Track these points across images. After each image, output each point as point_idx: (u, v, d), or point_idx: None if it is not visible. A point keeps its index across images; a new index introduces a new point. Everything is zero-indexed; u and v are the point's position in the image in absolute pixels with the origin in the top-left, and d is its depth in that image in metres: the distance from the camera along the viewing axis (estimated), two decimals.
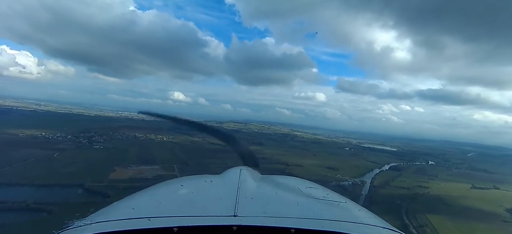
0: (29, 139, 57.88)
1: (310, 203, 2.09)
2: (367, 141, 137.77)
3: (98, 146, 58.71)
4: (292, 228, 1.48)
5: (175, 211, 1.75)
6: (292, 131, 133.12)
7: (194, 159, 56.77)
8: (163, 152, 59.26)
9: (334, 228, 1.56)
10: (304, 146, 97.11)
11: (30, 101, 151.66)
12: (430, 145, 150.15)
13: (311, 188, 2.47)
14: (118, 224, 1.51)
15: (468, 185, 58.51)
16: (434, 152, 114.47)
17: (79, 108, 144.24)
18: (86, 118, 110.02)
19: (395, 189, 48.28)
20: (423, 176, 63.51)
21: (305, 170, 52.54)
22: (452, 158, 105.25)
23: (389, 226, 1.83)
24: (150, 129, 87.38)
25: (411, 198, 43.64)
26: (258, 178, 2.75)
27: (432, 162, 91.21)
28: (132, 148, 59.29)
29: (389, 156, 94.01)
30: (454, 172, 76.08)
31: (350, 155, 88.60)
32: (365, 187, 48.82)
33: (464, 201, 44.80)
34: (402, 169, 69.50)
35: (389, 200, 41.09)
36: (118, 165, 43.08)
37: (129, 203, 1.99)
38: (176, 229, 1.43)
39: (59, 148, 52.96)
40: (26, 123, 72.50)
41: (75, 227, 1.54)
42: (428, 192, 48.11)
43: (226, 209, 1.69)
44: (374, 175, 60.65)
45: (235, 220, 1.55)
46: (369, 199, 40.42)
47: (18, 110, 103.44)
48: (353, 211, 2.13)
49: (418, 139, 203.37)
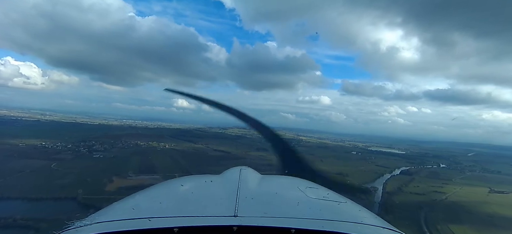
0: (28, 149, 56.67)
1: (310, 203, 2.08)
2: (374, 144, 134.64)
3: (98, 155, 57.15)
4: (292, 228, 1.49)
5: (176, 211, 1.75)
6: (297, 136, 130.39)
7: (197, 166, 54.74)
8: (164, 160, 57.45)
9: (334, 228, 1.56)
10: (310, 150, 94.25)
11: (36, 112, 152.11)
12: (439, 147, 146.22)
13: (311, 188, 2.43)
14: (118, 224, 1.53)
15: (485, 189, 55.27)
16: (443, 153, 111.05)
17: (83, 117, 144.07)
18: (89, 126, 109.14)
19: (409, 195, 45.33)
20: (437, 180, 60.44)
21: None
22: (464, 160, 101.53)
23: (389, 226, 1.81)
24: (152, 136, 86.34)
25: (429, 206, 40.60)
26: (258, 178, 2.72)
27: (444, 165, 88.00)
28: (133, 157, 57.60)
29: (398, 159, 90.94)
30: (468, 175, 72.81)
31: (358, 159, 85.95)
32: (377, 193, 45.99)
33: (485, 208, 41.68)
34: (413, 173, 66.47)
35: (405, 208, 38.27)
36: (116, 175, 41.28)
37: (129, 203, 2.01)
38: (176, 229, 1.44)
39: (57, 158, 51.49)
40: (28, 133, 71.58)
41: (75, 227, 1.55)
42: (446, 198, 45.03)
43: (226, 209, 1.69)
44: (385, 180, 57.74)
45: (235, 220, 1.55)
46: (384, 208, 37.65)
47: (22, 120, 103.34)
48: (353, 211, 2.13)
49: (425, 140, 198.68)
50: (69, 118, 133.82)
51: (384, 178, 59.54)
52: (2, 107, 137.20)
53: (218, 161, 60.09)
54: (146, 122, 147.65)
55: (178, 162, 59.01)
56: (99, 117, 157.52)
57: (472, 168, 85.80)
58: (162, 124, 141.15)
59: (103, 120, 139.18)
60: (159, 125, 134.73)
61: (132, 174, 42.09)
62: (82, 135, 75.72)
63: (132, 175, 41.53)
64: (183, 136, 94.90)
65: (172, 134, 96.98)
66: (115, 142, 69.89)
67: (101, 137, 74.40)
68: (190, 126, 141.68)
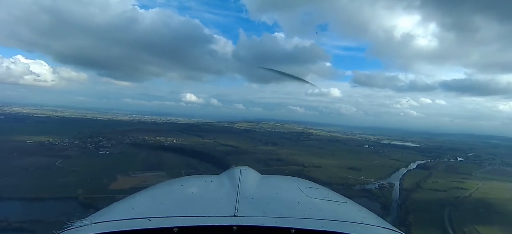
0: (34, 146, 56.32)
1: (310, 203, 2.07)
2: (386, 137, 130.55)
3: (104, 151, 56.36)
4: (292, 228, 1.49)
5: (176, 211, 1.75)
6: (307, 129, 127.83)
7: (204, 162, 53.33)
8: (171, 156, 56.19)
9: (334, 228, 1.56)
10: (320, 144, 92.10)
11: (48, 108, 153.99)
12: (453, 139, 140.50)
13: (311, 188, 2.43)
14: (118, 224, 1.53)
15: (510, 184, 51.68)
16: (459, 146, 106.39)
17: (94, 113, 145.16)
18: (98, 122, 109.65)
19: (429, 192, 42.33)
20: (456, 175, 57.05)
21: (324, 172, 47.88)
22: (481, 152, 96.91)
23: (389, 226, 1.80)
24: (160, 131, 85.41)
25: (452, 204, 37.52)
26: (258, 178, 2.71)
27: (461, 158, 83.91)
28: (140, 153, 56.59)
29: (412, 152, 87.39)
30: (488, 169, 68.80)
31: (370, 152, 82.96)
32: (394, 190, 43.15)
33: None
34: (431, 167, 63.13)
35: (426, 207, 35.48)
36: (121, 172, 40.11)
37: (129, 203, 2.01)
38: (176, 229, 1.44)
39: (63, 155, 50.83)
40: (37, 130, 71.65)
41: (75, 227, 1.55)
42: (469, 195, 41.72)
43: (226, 209, 1.69)
44: (402, 175, 54.72)
45: (235, 220, 1.55)
46: (404, 207, 35.04)
47: (34, 117, 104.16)
48: (353, 211, 2.13)
49: (439, 133, 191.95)
50: (79, 114, 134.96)
51: (400, 173, 56.57)
52: (16, 105, 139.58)
53: (226, 155, 58.58)
54: (155, 117, 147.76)
55: (185, 157, 57.67)
56: (109, 113, 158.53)
57: (492, 161, 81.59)
58: (171, 119, 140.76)
59: (113, 115, 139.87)
60: (168, 120, 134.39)
61: (137, 171, 40.85)
62: (90, 130, 75.36)
63: (137, 173, 40.29)
64: (191, 130, 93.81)
65: (180, 129, 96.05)
66: (122, 138, 69.10)
67: (109, 132, 73.80)
68: (198, 120, 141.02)
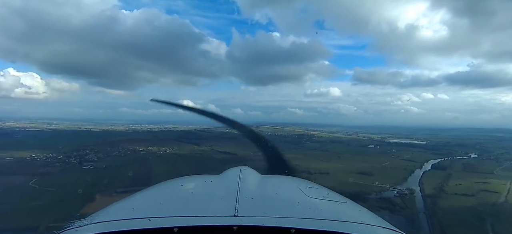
0: (14, 163, 51.23)
1: (310, 203, 2.07)
2: (389, 135, 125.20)
3: (88, 166, 51.04)
4: (292, 228, 1.49)
5: (176, 211, 1.76)
6: (308, 131, 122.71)
7: (200, 171, 47.77)
8: (163, 168, 50.84)
9: (334, 228, 1.55)
10: (323, 146, 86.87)
11: (43, 121, 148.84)
12: (457, 134, 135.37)
13: (311, 188, 2.42)
14: (118, 224, 1.53)
15: None
16: (466, 141, 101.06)
17: (89, 125, 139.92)
18: (91, 133, 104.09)
19: (456, 198, 36.69)
20: (477, 174, 51.86)
21: (334, 178, 42.54)
22: (490, 147, 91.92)
23: (389, 226, 1.80)
24: (154, 140, 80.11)
25: (490, 214, 31.30)
26: (258, 178, 2.70)
27: (474, 155, 78.95)
28: (127, 166, 51.28)
29: (421, 151, 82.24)
30: (508, 165, 63.75)
31: (377, 153, 77.59)
32: (416, 197, 37.48)
33: None
34: (447, 167, 57.76)
35: (461, 219, 29.81)
36: (101, 191, 34.92)
37: (129, 203, 2.02)
38: (176, 229, 1.45)
39: (41, 173, 45.56)
40: (23, 144, 66.25)
41: (75, 227, 1.56)
42: (505, 200, 36.34)
43: (226, 209, 1.69)
44: (419, 178, 49.33)
45: (235, 220, 1.55)
46: (435, 220, 29.54)
47: (26, 131, 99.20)
48: (353, 211, 2.13)
49: (441, 128, 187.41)
50: (74, 126, 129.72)
51: (416, 176, 51.10)
52: (10, 119, 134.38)
53: (223, 165, 53.49)
54: (152, 125, 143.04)
55: (179, 168, 52.36)
56: (105, 123, 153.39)
57: (507, 156, 76.86)
58: (168, 126, 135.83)
59: (109, 126, 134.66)
60: (164, 128, 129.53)
61: (120, 188, 35.63)
62: (79, 143, 70.19)
63: (119, 190, 35.08)
64: (187, 138, 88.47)
65: (176, 137, 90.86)
66: (111, 150, 63.94)
67: (98, 144, 68.58)
68: (196, 126, 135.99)
